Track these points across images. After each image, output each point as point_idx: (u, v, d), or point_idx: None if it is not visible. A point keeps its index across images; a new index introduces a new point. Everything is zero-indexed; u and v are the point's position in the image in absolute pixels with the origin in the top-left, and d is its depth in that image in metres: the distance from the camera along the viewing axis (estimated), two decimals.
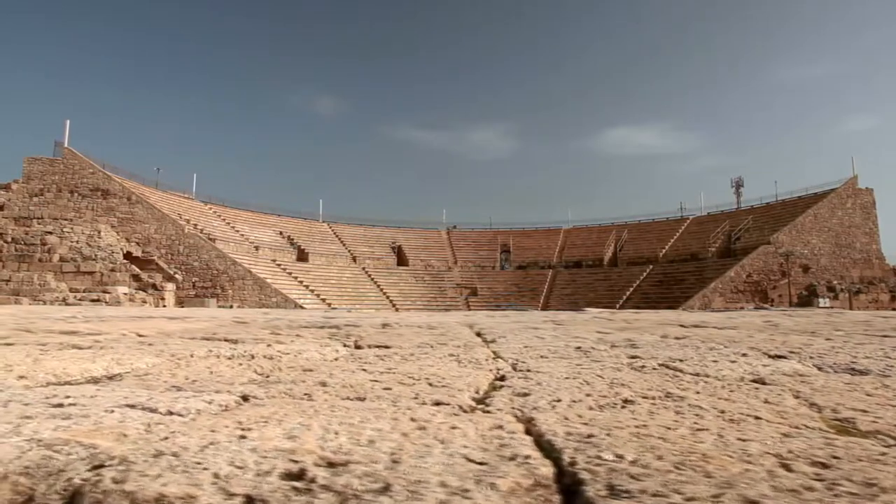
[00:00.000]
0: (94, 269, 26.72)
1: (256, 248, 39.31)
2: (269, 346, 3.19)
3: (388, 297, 41.72)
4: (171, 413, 1.45)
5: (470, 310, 38.56)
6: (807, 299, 31.50)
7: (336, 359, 2.83)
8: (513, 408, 1.66)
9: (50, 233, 26.74)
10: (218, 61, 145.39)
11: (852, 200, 35.34)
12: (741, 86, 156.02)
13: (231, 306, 29.50)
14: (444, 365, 2.57)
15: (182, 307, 26.83)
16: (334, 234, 47.68)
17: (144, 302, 26.87)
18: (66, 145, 32.14)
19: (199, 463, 1.01)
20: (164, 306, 27.16)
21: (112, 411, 1.42)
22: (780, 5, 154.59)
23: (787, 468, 1.00)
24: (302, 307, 30.44)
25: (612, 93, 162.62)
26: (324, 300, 37.28)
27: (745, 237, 38.84)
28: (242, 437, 1.20)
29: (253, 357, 2.72)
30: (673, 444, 1.19)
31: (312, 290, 37.98)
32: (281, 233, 43.86)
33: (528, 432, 1.30)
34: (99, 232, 29.00)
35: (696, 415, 1.57)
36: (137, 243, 31.45)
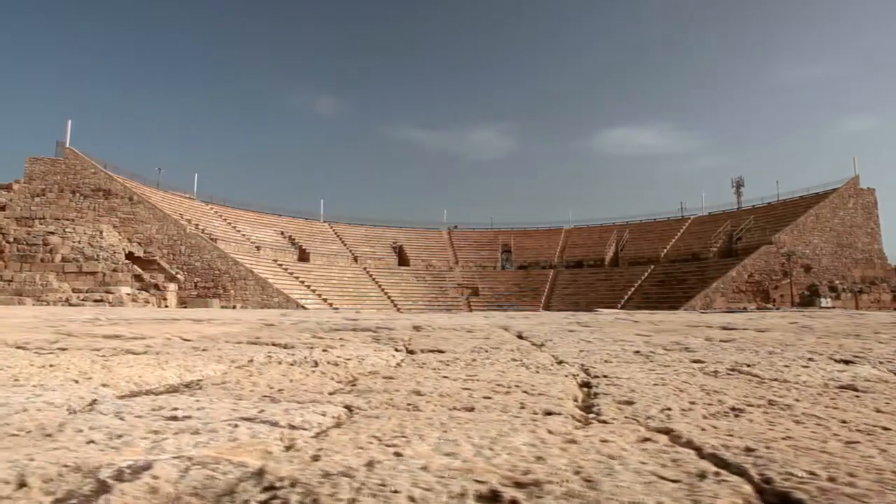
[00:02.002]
0: (96, 270, 26.58)
1: (258, 248, 39.19)
2: (324, 351, 3.14)
3: (389, 298, 41.65)
4: (293, 427, 1.40)
5: (471, 310, 38.50)
6: (808, 299, 31.58)
7: (399, 364, 2.78)
8: (627, 417, 1.62)
9: (52, 233, 26.59)
10: (218, 61, 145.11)
11: (854, 200, 35.44)
12: (741, 86, 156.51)
13: (234, 307, 29.38)
14: (517, 371, 2.53)
15: (185, 307, 26.72)
16: (335, 234, 47.58)
17: (147, 302, 26.74)
18: (67, 145, 31.97)
19: (382, 485, 0.96)
20: (167, 307, 27.05)
21: (236, 425, 1.37)
22: (780, 5, 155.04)
23: None
24: (304, 307, 30.35)
25: (612, 93, 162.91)
26: (325, 300, 37.20)
27: (746, 237, 38.92)
28: (398, 454, 1.15)
29: (317, 363, 2.67)
30: (844, 458, 1.15)
31: (314, 291, 37.88)
32: (282, 233, 43.74)
33: (678, 443, 1.26)
34: (101, 232, 28.86)
35: (820, 425, 1.53)
36: (139, 243, 31.31)
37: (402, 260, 47.21)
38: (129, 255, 29.60)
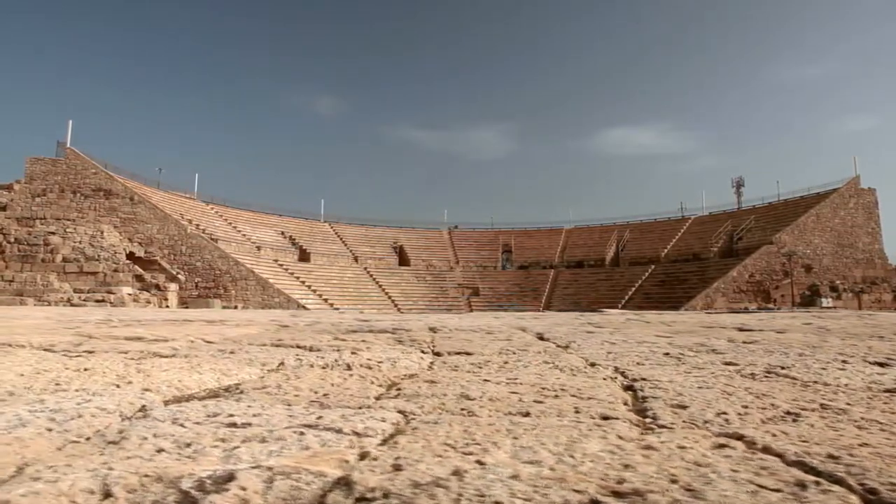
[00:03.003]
0: (97, 270, 26.51)
1: (258, 248, 39.14)
2: (352, 353, 3.11)
3: (389, 298, 41.63)
4: (357, 434, 1.38)
5: (472, 310, 38.48)
6: (809, 299, 31.64)
7: (431, 366, 2.76)
8: (685, 421, 1.60)
9: (53, 233, 26.51)
10: (218, 61, 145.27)
11: (854, 200, 35.51)
12: (741, 86, 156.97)
13: (235, 307, 29.32)
14: (554, 374, 2.50)
15: (186, 308, 26.66)
16: (336, 234, 47.55)
17: (148, 302, 26.70)
18: (68, 145, 31.89)
19: (480, 495, 0.94)
20: (168, 307, 26.99)
21: (301, 433, 1.35)
22: (780, 5, 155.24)
23: None
24: (305, 307, 30.31)
25: (611, 93, 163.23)
26: (326, 300, 37.16)
27: (747, 237, 38.96)
28: (479, 462, 1.13)
29: (350, 367, 2.65)
30: None
31: (314, 291, 37.85)
32: (283, 233, 43.69)
33: (756, 450, 1.24)
34: (102, 232, 28.79)
35: (885, 430, 1.51)
36: (140, 243, 31.25)
37: (403, 260, 47.20)
38: (130, 256, 29.54)
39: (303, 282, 38.09)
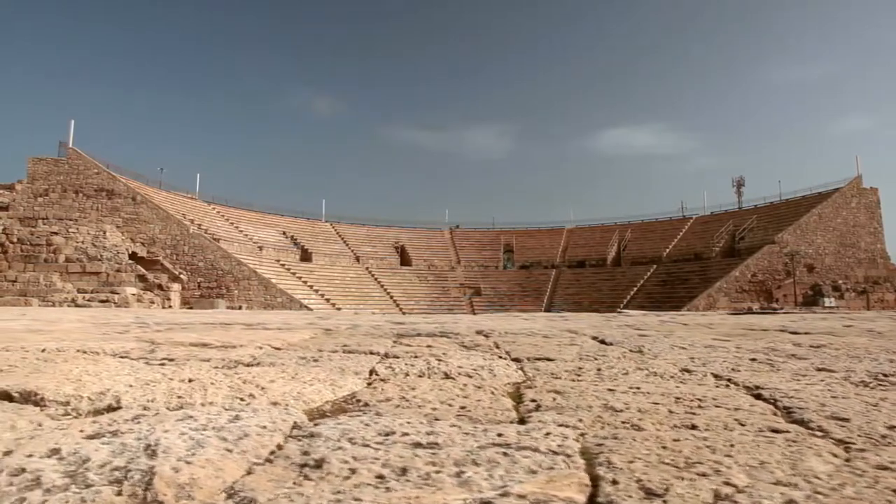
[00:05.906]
0: (99, 270, 26.30)
1: (260, 248, 38.98)
2: (438, 360, 3.05)
3: (391, 297, 41.55)
4: (555, 452, 1.32)
5: (474, 310, 38.45)
6: (812, 299, 31.77)
7: (524, 372, 2.70)
8: (860, 437, 1.55)
9: (55, 233, 26.29)
10: (218, 61, 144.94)
11: (857, 200, 35.67)
12: (740, 85, 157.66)
13: (240, 307, 29.19)
14: (662, 381, 2.45)
15: (190, 308, 26.51)
16: (337, 234, 47.41)
17: (152, 303, 26.55)
18: (70, 145, 31.64)
19: None
20: (170, 307, 26.85)
21: (505, 454, 1.29)
22: (779, 5, 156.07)
23: None
24: (308, 308, 30.20)
25: (611, 93, 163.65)
26: (328, 300, 37.05)
27: (749, 237, 39.09)
28: (729, 483, 1.07)
29: (448, 375, 2.59)
30: None
31: (317, 291, 37.73)
32: (284, 233, 43.53)
33: None
34: (104, 232, 28.57)
35: None
36: (142, 243, 31.05)
37: (405, 260, 47.12)
38: (133, 256, 29.34)
39: (305, 282, 37.96)
